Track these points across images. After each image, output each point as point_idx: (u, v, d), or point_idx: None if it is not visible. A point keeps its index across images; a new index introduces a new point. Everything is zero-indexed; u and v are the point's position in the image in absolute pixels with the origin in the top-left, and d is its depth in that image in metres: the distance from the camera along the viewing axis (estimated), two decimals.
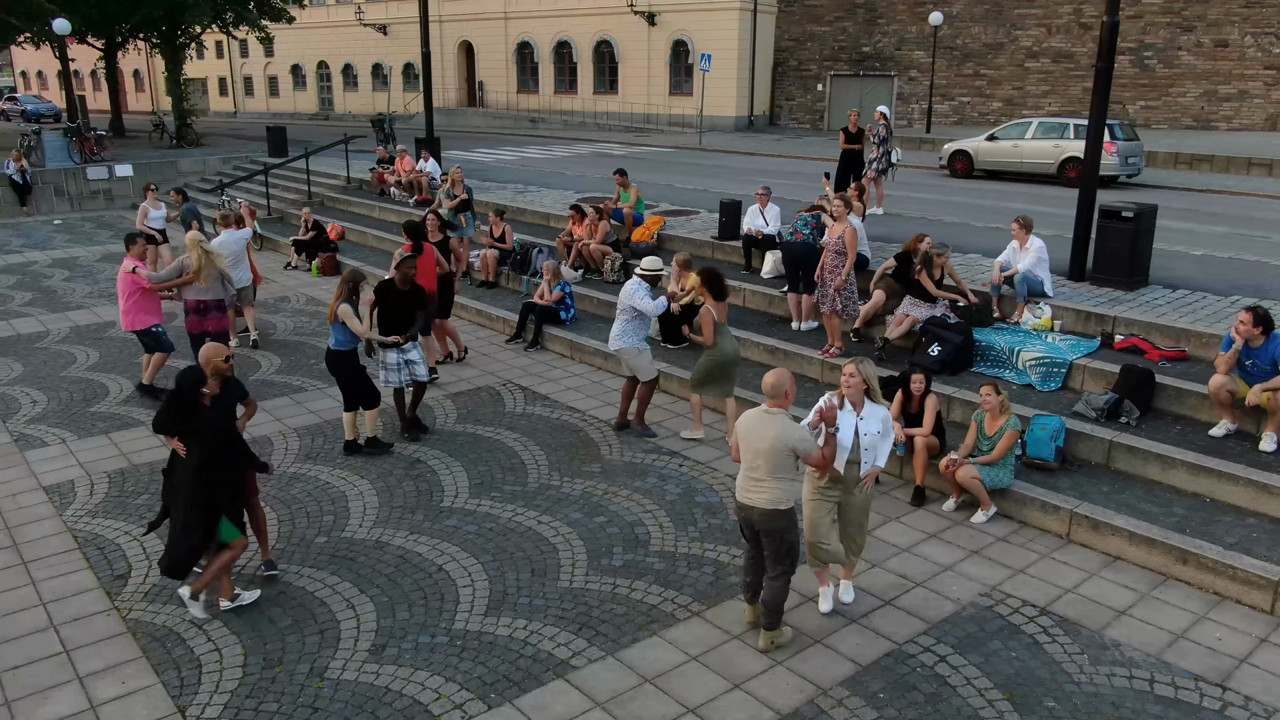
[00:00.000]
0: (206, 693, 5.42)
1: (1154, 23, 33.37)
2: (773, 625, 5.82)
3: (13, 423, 9.62)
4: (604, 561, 6.89)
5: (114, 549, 7.08)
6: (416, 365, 9.04)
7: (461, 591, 6.48)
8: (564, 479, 8.28)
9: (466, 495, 7.94)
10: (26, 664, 5.72)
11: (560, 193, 18.94)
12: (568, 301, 12.29)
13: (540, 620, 6.13)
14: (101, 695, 5.41)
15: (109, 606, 6.32)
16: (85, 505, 7.79)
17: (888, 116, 15.50)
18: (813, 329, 10.96)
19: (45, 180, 23.97)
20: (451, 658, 5.75)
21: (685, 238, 14.14)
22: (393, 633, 6.00)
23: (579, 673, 5.61)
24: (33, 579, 6.66)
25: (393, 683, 5.51)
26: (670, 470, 8.47)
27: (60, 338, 12.73)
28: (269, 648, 5.86)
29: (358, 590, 6.49)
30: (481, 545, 7.11)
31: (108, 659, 5.75)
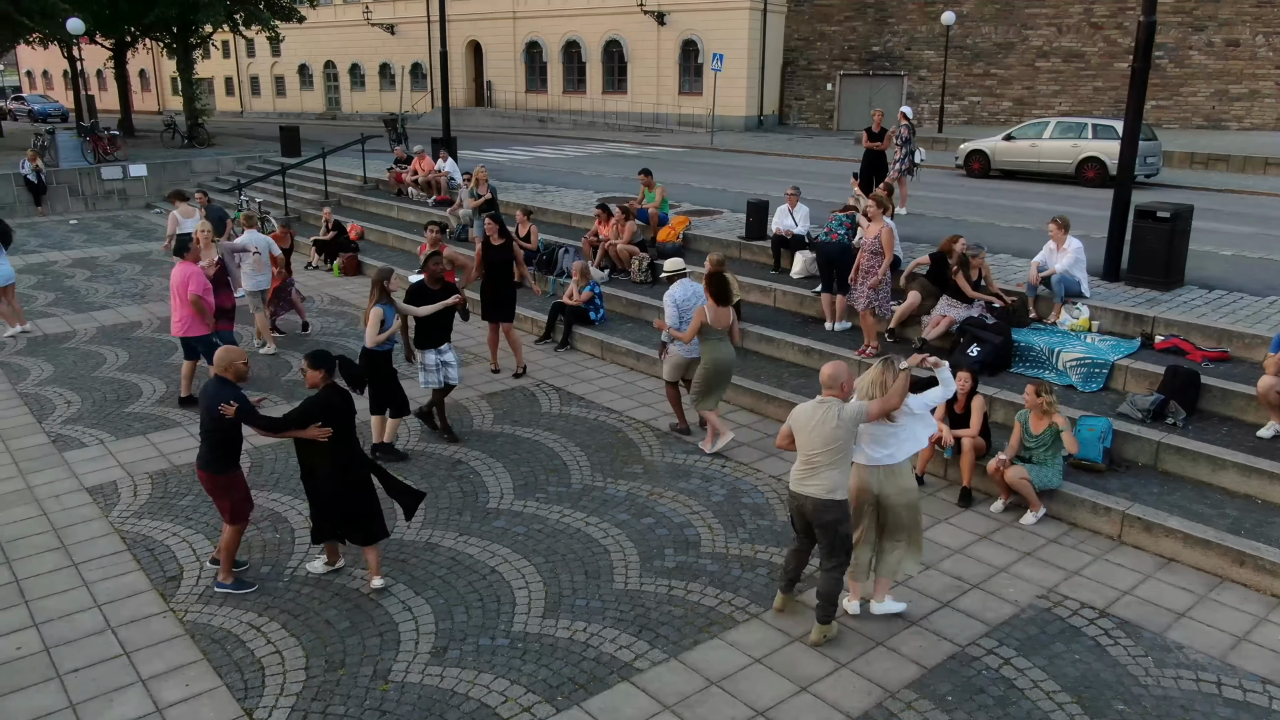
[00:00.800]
0: (272, 695, 5.40)
1: (1165, 22, 33.25)
2: (826, 619, 5.82)
3: (48, 423, 9.60)
4: (656, 563, 6.86)
5: (163, 550, 7.05)
6: (452, 368, 8.99)
7: (517, 594, 6.46)
8: (607, 480, 8.25)
9: (512, 497, 7.92)
10: (87, 666, 5.70)
11: (579, 192, 18.92)
12: (597, 302, 12.26)
13: (599, 622, 6.11)
14: (167, 698, 5.39)
15: (164, 608, 6.30)
16: (130, 507, 7.76)
17: (910, 117, 15.46)
18: (845, 329, 10.93)
19: (60, 180, 23.95)
20: (514, 660, 5.73)
21: (711, 237, 14.12)
22: (452, 635, 5.98)
23: (643, 675, 5.59)
24: (85, 581, 6.64)
25: (458, 685, 5.49)
26: (713, 472, 8.44)
27: (88, 338, 12.70)
28: (330, 650, 5.84)
29: (413, 592, 6.47)
30: (532, 547, 7.08)
31: (169, 661, 5.73)
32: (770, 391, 9.80)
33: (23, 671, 5.63)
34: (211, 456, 6.26)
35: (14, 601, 6.38)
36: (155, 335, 12.78)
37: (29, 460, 8.70)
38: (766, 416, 9.71)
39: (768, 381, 10.07)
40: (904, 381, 5.70)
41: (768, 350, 10.82)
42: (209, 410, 6.15)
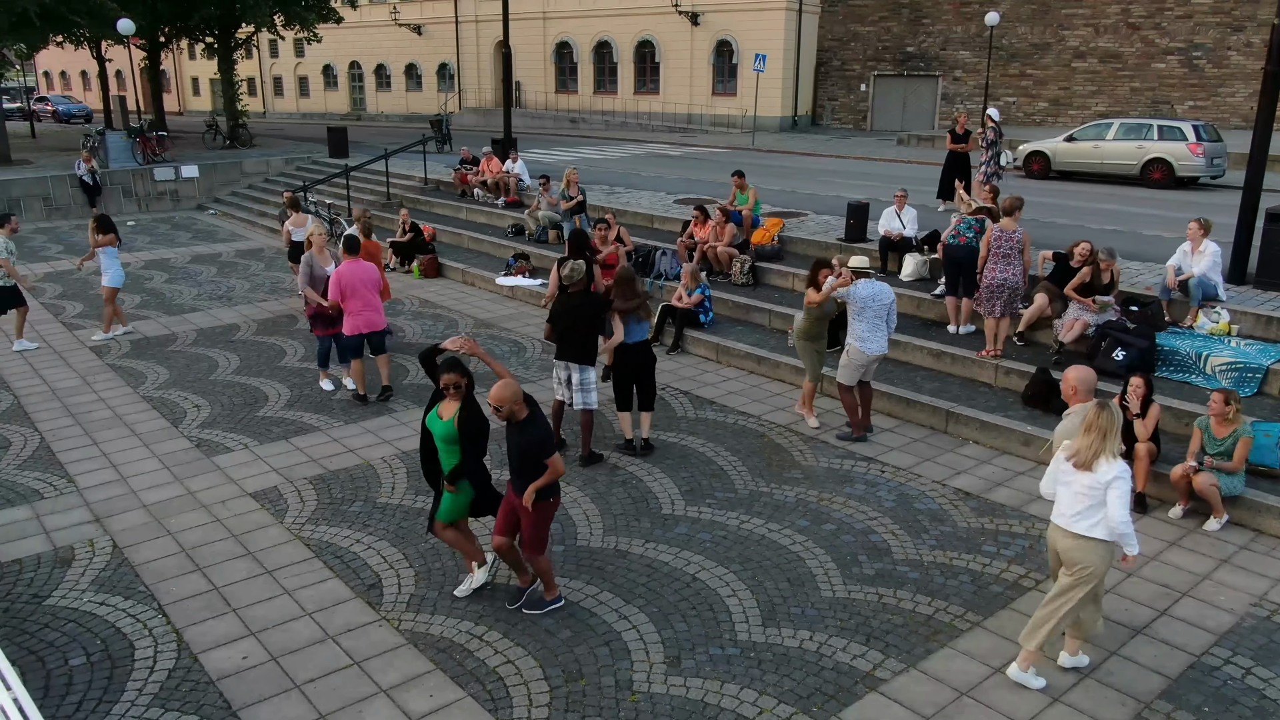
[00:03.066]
0: (522, 706, 5.34)
1: (1203, 23, 33.29)
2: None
3: (185, 428, 9.53)
4: (854, 570, 6.81)
5: (352, 557, 6.99)
6: (589, 393, 8.37)
7: (727, 601, 6.40)
8: (771, 486, 8.19)
9: (683, 503, 7.86)
10: (322, 676, 5.63)
11: (651, 194, 18.86)
12: (706, 305, 12.20)
13: (822, 631, 6.05)
14: (416, 708, 5.33)
15: (376, 617, 6.24)
16: (302, 513, 7.70)
17: (997, 119, 15.40)
18: (970, 333, 10.87)
19: (113, 182, 23.86)
20: (751, 670, 5.67)
21: (807, 239, 14.06)
22: (679, 644, 5.92)
23: (889, 685, 5.53)
24: (285, 588, 6.57)
25: (706, 695, 5.43)
26: (874, 476, 8.39)
27: (189, 341, 12.63)
28: (561, 660, 5.77)
29: (622, 600, 6.41)
30: (723, 554, 7.02)
31: (402, 671, 5.67)
32: (910, 395, 9.74)
33: (259, 682, 5.57)
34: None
35: (221, 610, 6.32)
36: (256, 338, 12.72)
37: (180, 466, 8.63)
38: (907, 421, 9.65)
39: (903, 386, 10.01)
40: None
41: (895, 354, 10.74)
42: (534, 448, 5.84)
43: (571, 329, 8.29)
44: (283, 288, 15.57)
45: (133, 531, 7.40)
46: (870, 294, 8.82)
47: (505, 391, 5.72)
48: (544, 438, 5.80)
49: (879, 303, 8.86)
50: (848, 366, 8.99)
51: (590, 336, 8.43)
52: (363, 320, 9.94)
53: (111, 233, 12.52)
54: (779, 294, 12.88)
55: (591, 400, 8.41)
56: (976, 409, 9.33)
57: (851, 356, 8.93)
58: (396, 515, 7.64)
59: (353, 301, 9.88)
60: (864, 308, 8.77)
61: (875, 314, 8.85)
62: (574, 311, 8.34)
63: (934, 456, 8.81)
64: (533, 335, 12.64)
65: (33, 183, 22.87)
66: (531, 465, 5.83)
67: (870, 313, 8.81)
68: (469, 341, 6.43)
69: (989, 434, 9.01)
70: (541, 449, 5.77)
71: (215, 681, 5.57)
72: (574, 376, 8.34)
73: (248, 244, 19.93)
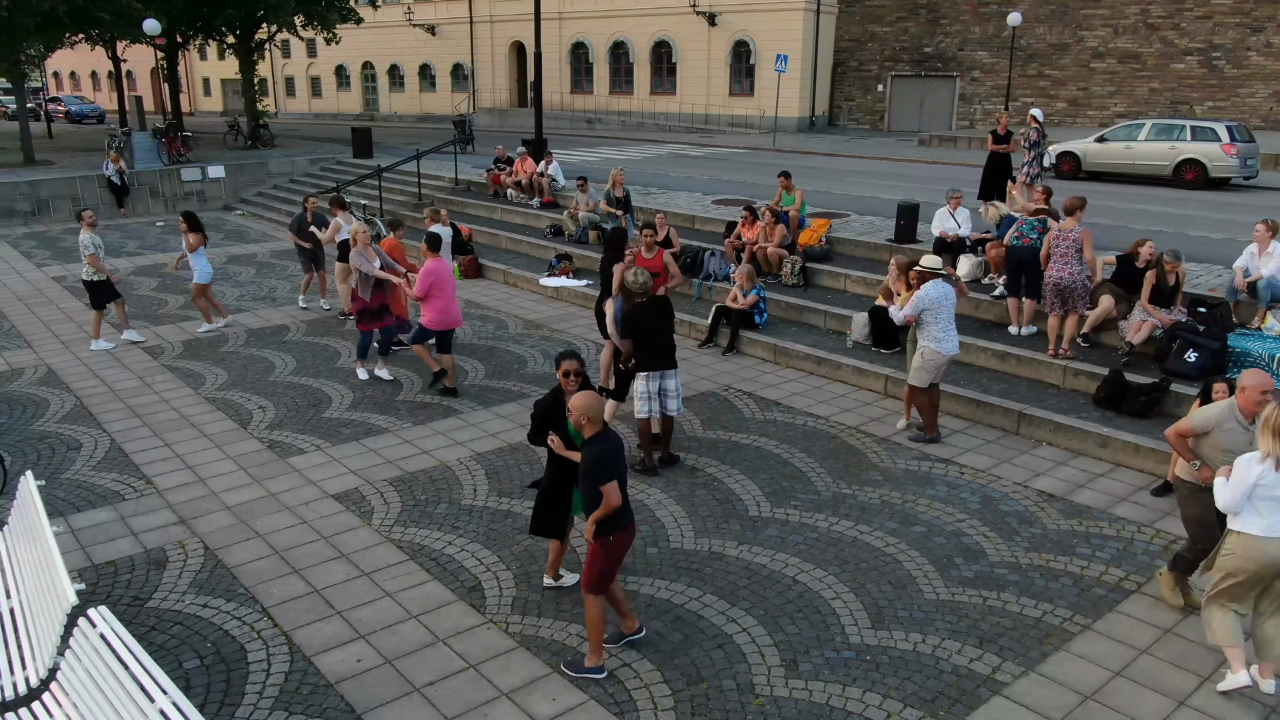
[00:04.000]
0: (647, 710, 5.32)
1: (1223, 23, 33.29)
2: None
3: (253, 429, 9.51)
4: (953, 573, 6.79)
5: (447, 560, 6.97)
6: (670, 398, 8.33)
7: (832, 604, 6.38)
8: (854, 488, 8.17)
9: (769, 505, 7.84)
10: (440, 679, 5.61)
11: (688, 194, 18.84)
12: (761, 305, 12.18)
13: (933, 633, 6.03)
14: (541, 711, 5.31)
15: (483, 620, 6.22)
16: (388, 515, 7.68)
17: (1040, 120, 15.37)
18: (1032, 334, 10.85)
19: (140, 182, 23.83)
20: (871, 673, 5.65)
21: (856, 240, 14.04)
22: (793, 647, 5.90)
23: (1011, 689, 5.51)
24: (386, 591, 6.55)
25: (829, 699, 5.41)
26: (953, 478, 8.37)
27: (241, 342, 12.61)
28: (677, 663, 5.75)
29: (728, 603, 6.39)
30: (818, 556, 7.00)
31: (520, 674, 5.65)
32: (980, 397, 9.72)
33: (378, 685, 5.55)
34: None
35: (325, 613, 6.29)
36: (307, 339, 12.70)
37: (256, 467, 8.61)
38: (977, 422, 9.64)
39: (970, 387, 9.99)
40: None
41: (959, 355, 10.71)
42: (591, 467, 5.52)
43: (658, 335, 8.27)
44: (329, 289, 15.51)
45: (221, 533, 7.37)
46: (941, 295, 8.79)
47: (583, 400, 5.32)
48: (601, 459, 5.24)
49: (950, 302, 8.84)
50: (923, 369, 8.96)
51: (672, 341, 8.43)
52: (451, 317, 10.18)
53: (199, 231, 12.54)
54: (831, 295, 12.86)
55: (680, 405, 8.43)
56: (1049, 410, 9.31)
57: (927, 358, 8.89)
58: (484, 517, 7.61)
59: (441, 300, 9.98)
60: (937, 309, 8.74)
61: (948, 314, 8.82)
62: (656, 318, 8.31)
63: (1010, 458, 8.79)
64: (587, 337, 12.61)
65: (61, 183, 22.85)
66: (589, 489, 5.35)
67: (944, 313, 8.78)
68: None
69: (1063, 436, 8.99)
70: (597, 472, 5.23)
71: (334, 685, 5.54)
72: (667, 384, 8.31)
73: (281, 245, 19.89)
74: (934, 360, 8.85)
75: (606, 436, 5.38)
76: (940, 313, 8.76)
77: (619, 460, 5.37)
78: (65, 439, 9.29)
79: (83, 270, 12.06)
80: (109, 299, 12.17)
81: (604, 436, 5.36)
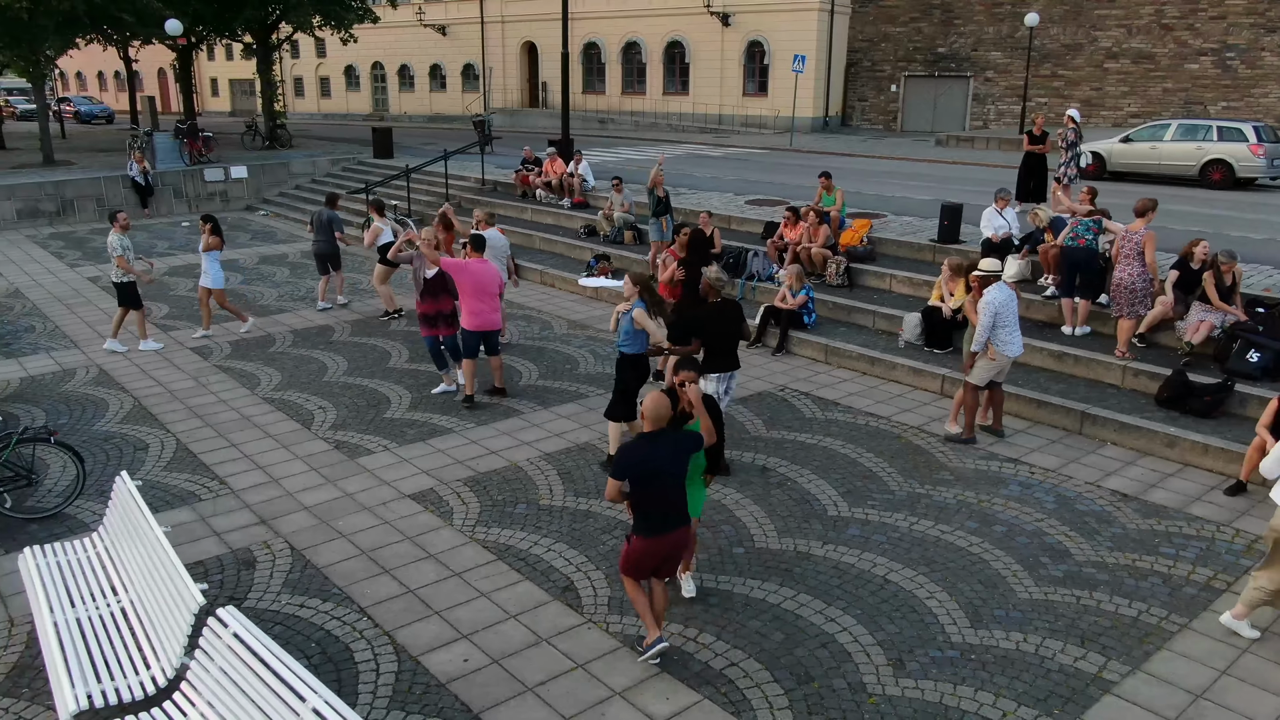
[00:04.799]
0: (764, 709, 5.35)
1: (1237, 23, 33.37)
2: None
3: (318, 430, 9.52)
4: (1041, 572, 6.82)
5: (535, 560, 6.99)
6: (725, 397, 8.40)
7: (927, 603, 6.40)
8: (926, 487, 8.20)
9: (846, 505, 7.86)
10: (550, 679, 5.63)
11: (719, 194, 18.85)
12: (809, 306, 12.20)
13: (1034, 632, 6.06)
14: (657, 711, 5.33)
15: (582, 619, 6.24)
16: (468, 515, 7.70)
17: (1077, 120, 15.41)
18: (1086, 334, 10.88)
19: (164, 183, 23.82)
20: (979, 672, 5.67)
21: (898, 240, 14.07)
22: (896, 646, 5.92)
23: (1120, 688, 5.55)
24: (480, 590, 6.57)
25: (943, 698, 5.43)
26: (1024, 478, 8.40)
27: (288, 342, 12.62)
28: (784, 662, 5.78)
29: (823, 602, 6.41)
30: (905, 556, 7.03)
31: (628, 674, 5.67)
32: (1040, 397, 9.76)
33: (489, 685, 5.57)
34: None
35: (424, 613, 6.31)
36: (354, 340, 12.72)
37: (327, 467, 8.63)
38: (1038, 422, 9.67)
39: (1029, 387, 10.01)
40: None
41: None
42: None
43: (729, 337, 8.29)
44: (362, 289, 15.56)
45: (305, 534, 7.39)
46: (1003, 298, 8.81)
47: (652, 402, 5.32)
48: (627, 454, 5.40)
49: (1014, 304, 8.88)
50: (984, 368, 8.98)
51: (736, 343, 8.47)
52: (484, 319, 9.92)
53: (218, 236, 12.50)
54: (877, 295, 12.89)
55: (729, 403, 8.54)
56: (1112, 410, 9.34)
57: (997, 360, 8.91)
58: (564, 518, 7.63)
59: (475, 301, 9.87)
60: (1004, 312, 8.76)
61: (1013, 316, 8.85)
62: (725, 320, 8.33)
63: (1077, 458, 8.83)
64: None
65: (86, 184, 22.84)
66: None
67: (1009, 315, 8.81)
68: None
69: (1129, 435, 9.03)
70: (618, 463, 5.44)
71: (445, 685, 5.56)
72: (730, 385, 8.34)
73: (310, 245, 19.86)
74: (1000, 361, 8.87)
75: (653, 441, 5.34)
76: (1005, 315, 8.78)
77: (643, 465, 5.30)
78: (131, 439, 9.30)
79: (112, 272, 12.03)
80: (133, 305, 12.10)
81: (651, 440, 5.34)
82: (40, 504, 7.86)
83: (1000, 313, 8.72)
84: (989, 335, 8.69)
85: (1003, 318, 8.75)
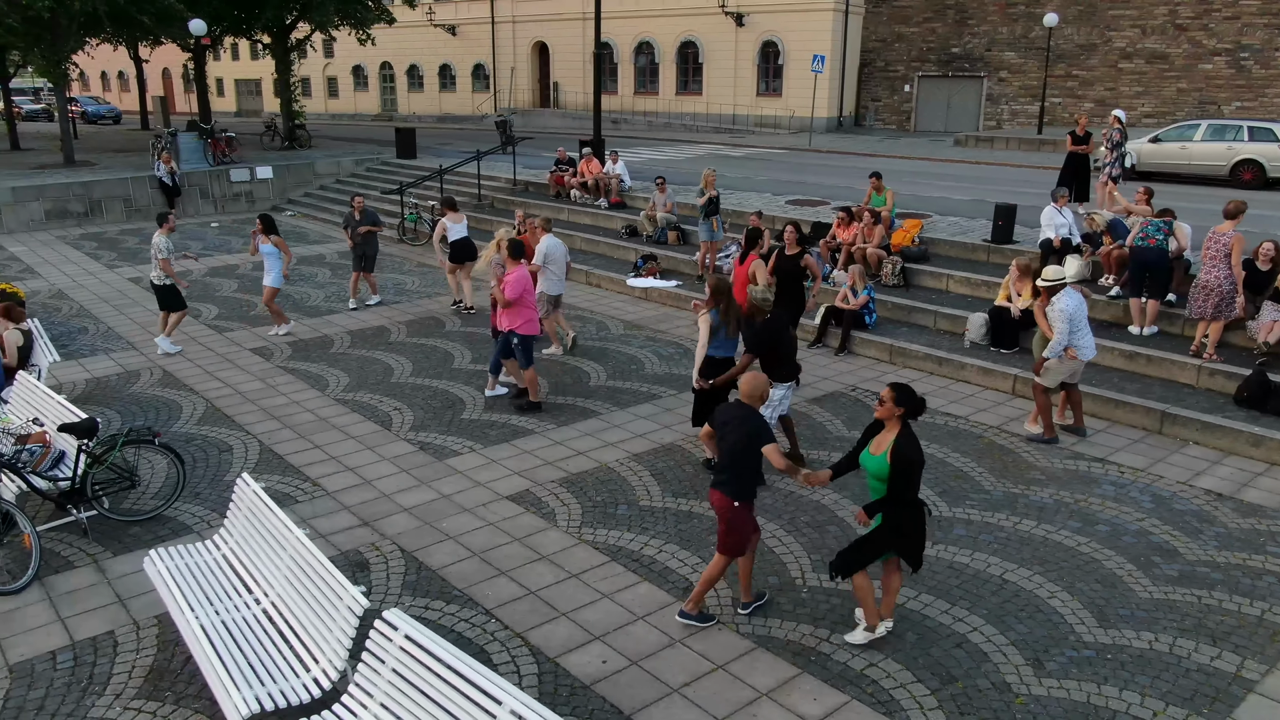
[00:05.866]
0: (914, 709, 5.36)
1: (1251, 24, 33.52)
2: None
3: (398, 431, 9.51)
4: (1155, 571, 6.85)
5: (649, 560, 7.00)
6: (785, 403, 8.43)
7: (1050, 602, 6.43)
8: (1020, 487, 8.23)
9: (945, 504, 7.88)
10: (693, 680, 5.64)
11: (757, 194, 18.85)
12: (870, 306, 12.23)
13: (1163, 631, 6.09)
14: (808, 711, 5.34)
15: (711, 621, 6.23)
16: (571, 516, 7.70)
17: (1123, 120, 15.46)
18: (1154, 334, 10.93)
19: (191, 183, 23.75)
20: (1119, 672, 5.70)
21: (950, 240, 14.10)
22: (1031, 646, 5.94)
23: (1263, 686, 5.59)
24: (601, 592, 6.58)
25: (1089, 698, 5.46)
26: (1115, 477, 8.44)
27: (346, 344, 12.60)
28: (922, 662, 5.80)
29: (947, 602, 6.44)
30: (1015, 555, 7.06)
31: (769, 674, 5.68)
32: (1117, 397, 9.79)
33: (634, 686, 5.58)
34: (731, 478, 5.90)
35: (550, 614, 6.32)
36: (412, 341, 12.71)
37: (417, 469, 8.62)
38: (1115, 421, 9.70)
39: (1103, 387, 10.05)
40: None
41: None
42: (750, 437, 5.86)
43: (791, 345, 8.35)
44: (410, 290, 15.55)
45: (410, 535, 7.38)
46: (1076, 303, 8.83)
47: (754, 382, 5.93)
48: (764, 427, 5.94)
49: (1085, 307, 8.91)
50: (1056, 370, 9.01)
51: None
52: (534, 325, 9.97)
53: (276, 234, 12.48)
54: (935, 295, 12.92)
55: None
56: (1193, 410, 9.38)
57: (1064, 361, 8.94)
58: (668, 519, 7.64)
59: (526, 308, 9.87)
60: (1075, 316, 8.78)
61: (1084, 320, 8.88)
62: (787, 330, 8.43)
63: (1163, 457, 8.87)
64: (690, 337, 12.62)
65: (114, 184, 22.76)
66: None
67: (1081, 319, 8.83)
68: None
69: (1212, 435, 9.06)
70: (763, 430, 5.91)
71: (590, 686, 5.56)
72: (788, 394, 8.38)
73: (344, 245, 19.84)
74: (1071, 364, 8.92)
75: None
76: (1079, 320, 8.81)
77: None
78: (213, 441, 9.28)
79: (153, 274, 11.97)
80: (176, 306, 12.07)
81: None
82: (137, 506, 7.84)
83: (1074, 317, 8.74)
84: (1062, 337, 8.71)
85: (1075, 321, 8.77)
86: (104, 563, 7.01)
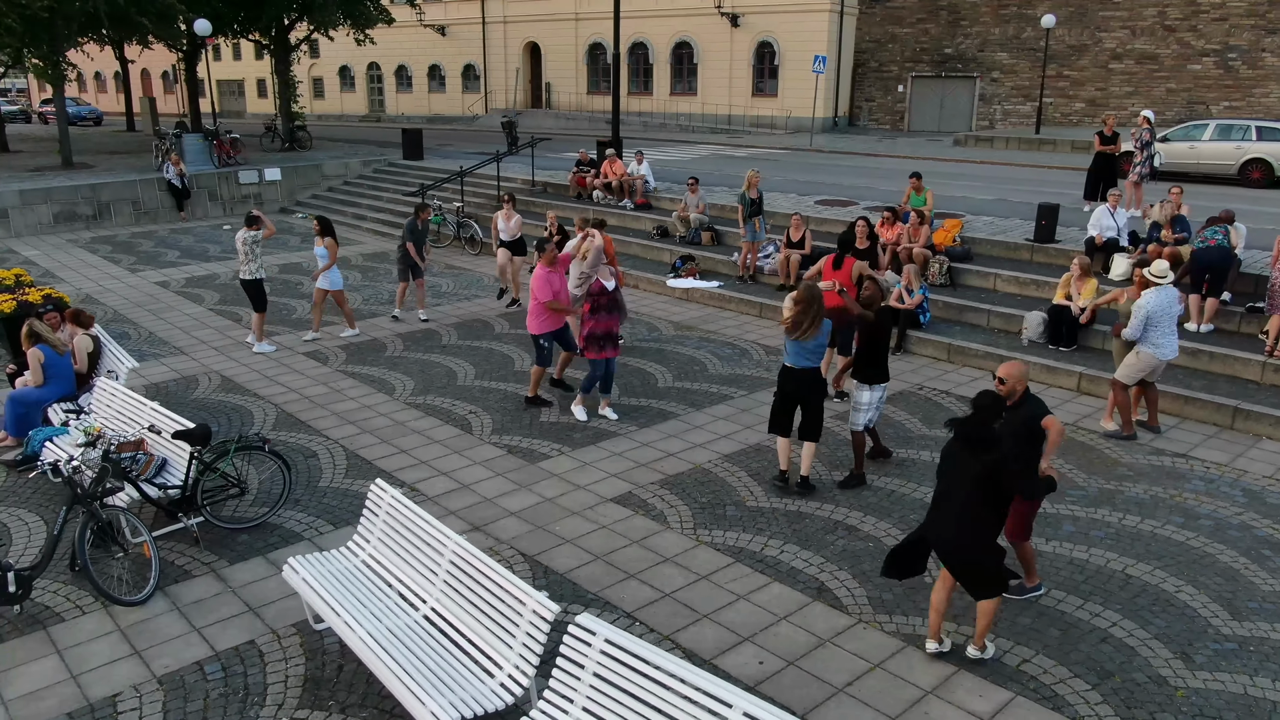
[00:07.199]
0: (1081, 705, 5.45)
1: (1238, 25, 34.16)
2: None
3: (480, 435, 9.48)
4: (1272, 565, 7.00)
5: (774, 560, 7.03)
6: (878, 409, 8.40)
7: (1178, 596, 6.54)
8: (1113, 483, 8.36)
9: (1047, 500, 7.95)
10: (855, 679, 5.68)
11: (783, 195, 18.93)
12: (924, 305, 12.34)
13: None
14: (978, 709, 5.41)
15: (852, 619, 6.31)
16: (682, 518, 7.71)
17: (1151, 120, 15.71)
18: (1209, 331, 11.13)
19: (200, 185, 23.46)
20: (1266, 663, 5.82)
21: (992, 239, 14.26)
22: (1175, 640, 6.05)
23: None
24: (735, 593, 6.61)
25: (1246, 690, 5.57)
26: (1202, 472, 8.59)
27: (400, 348, 12.52)
28: (1072, 657, 5.87)
29: (1079, 598, 6.53)
30: (1130, 550, 7.17)
31: (930, 672, 5.74)
32: (1187, 393, 9.96)
33: (798, 688, 5.61)
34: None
35: (693, 616, 6.34)
36: (466, 344, 12.65)
37: (512, 472, 8.60)
38: (1186, 417, 9.87)
39: (1171, 383, 10.21)
40: None
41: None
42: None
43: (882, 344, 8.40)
44: (447, 293, 15.47)
45: (525, 539, 7.37)
46: (1160, 301, 8.95)
47: (1015, 369, 6.11)
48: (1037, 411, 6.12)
49: (1175, 308, 9.05)
50: (1134, 367, 9.15)
51: None
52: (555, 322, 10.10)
53: (331, 236, 12.39)
54: (984, 294, 13.05)
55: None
56: (1264, 405, 9.56)
57: (1142, 359, 9.08)
58: (779, 519, 7.68)
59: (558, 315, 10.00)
60: (1161, 315, 8.92)
61: (1170, 320, 9.03)
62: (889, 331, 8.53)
63: (1242, 452, 9.04)
64: (742, 338, 12.69)
65: (122, 186, 22.41)
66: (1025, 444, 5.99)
67: (1166, 320, 8.98)
68: None
69: None
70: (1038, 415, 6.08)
71: (754, 688, 5.59)
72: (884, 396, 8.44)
73: (362, 247, 19.73)
74: (1148, 362, 9.06)
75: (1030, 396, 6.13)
76: (1161, 317, 8.94)
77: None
78: (295, 447, 9.19)
79: (244, 269, 11.94)
80: (263, 304, 12.11)
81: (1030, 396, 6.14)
82: (239, 514, 7.75)
83: (1154, 314, 8.87)
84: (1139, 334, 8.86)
85: (1156, 319, 8.91)
86: (221, 571, 6.93)
